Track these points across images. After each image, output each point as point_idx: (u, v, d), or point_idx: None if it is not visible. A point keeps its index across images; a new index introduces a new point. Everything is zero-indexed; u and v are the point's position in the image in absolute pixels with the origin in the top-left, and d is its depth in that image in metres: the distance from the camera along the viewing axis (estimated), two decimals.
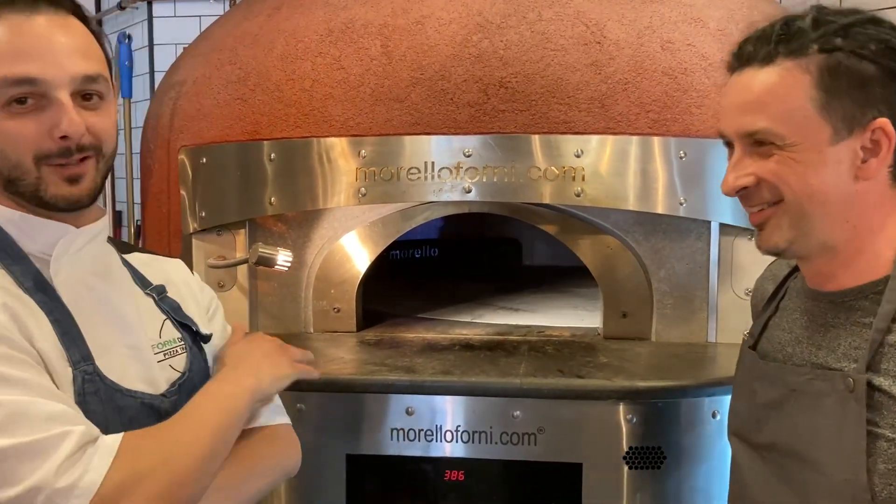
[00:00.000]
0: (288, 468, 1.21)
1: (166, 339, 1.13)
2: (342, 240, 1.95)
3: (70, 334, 0.99)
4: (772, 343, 1.10)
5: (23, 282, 0.99)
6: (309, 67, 1.86)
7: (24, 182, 0.98)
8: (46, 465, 0.87)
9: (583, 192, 1.75)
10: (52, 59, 0.96)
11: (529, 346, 1.82)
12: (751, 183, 0.98)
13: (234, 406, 1.05)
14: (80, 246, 1.06)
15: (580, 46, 1.77)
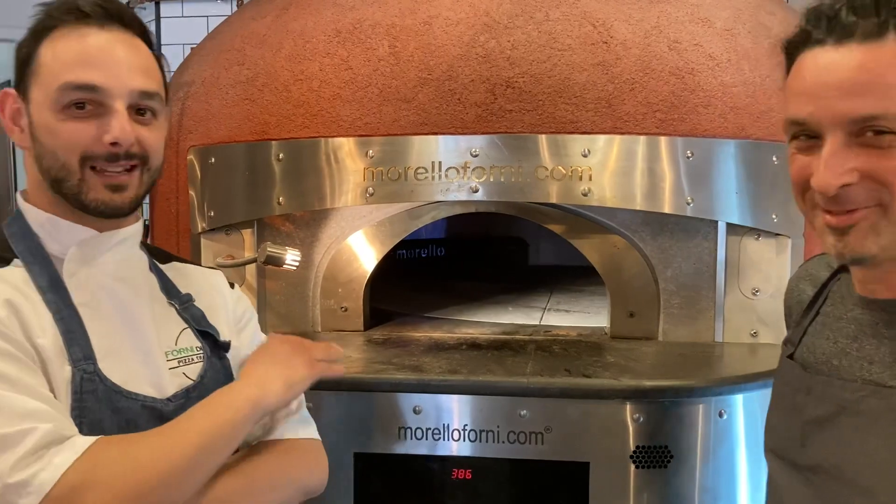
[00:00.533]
0: (308, 485, 1.17)
1: (182, 346, 1.14)
2: (349, 239, 1.95)
3: (73, 333, 1.00)
4: (814, 353, 0.99)
5: (38, 280, 1.02)
6: (317, 68, 1.87)
7: (67, 183, 1.03)
8: (4, 460, 0.88)
9: (590, 191, 1.75)
10: (114, 71, 1.02)
11: (536, 345, 1.83)
12: (855, 181, 0.83)
13: (227, 417, 1.01)
14: (102, 250, 1.08)
15: (587, 46, 1.78)
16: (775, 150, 1.76)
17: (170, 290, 1.18)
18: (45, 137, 1.03)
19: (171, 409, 1.06)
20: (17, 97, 1.06)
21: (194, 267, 1.28)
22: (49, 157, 1.03)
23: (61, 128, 1.01)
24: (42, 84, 1.03)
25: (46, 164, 1.03)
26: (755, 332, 1.82)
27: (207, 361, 1.15)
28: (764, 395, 1.61)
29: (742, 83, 1.79)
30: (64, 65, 1.02)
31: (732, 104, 1.77)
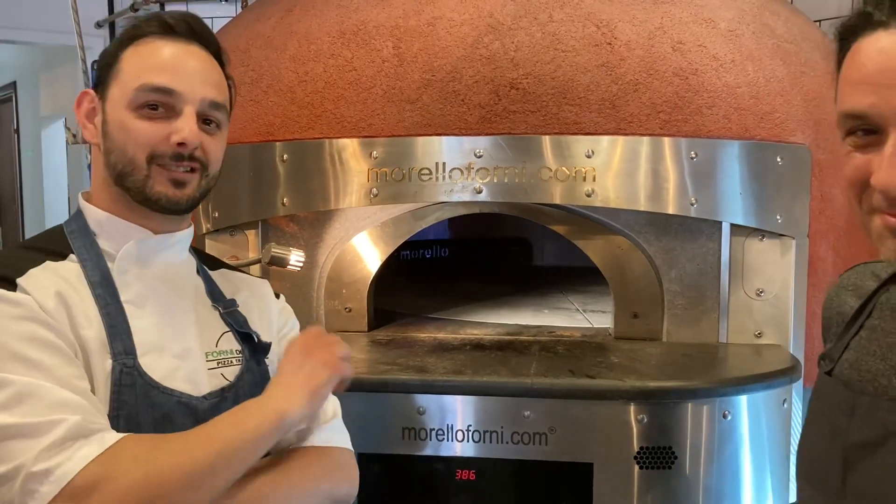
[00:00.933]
0: (337, 494, 1.17)
1: (223, 349, 1.17)
2: (354, 240, 1.96)
3: (117, 328, 1.05)
4: (858, 370, 0.89)
5: (90, 276, 1.07)
6: (321, 69, 1.87)
7: (133, 178, 1.09)
8: (31, 448, 0.90)
9: (593, 192, 1.75)
10: (188, 79, 1.10)
11: (540, 346, 1.83)
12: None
13: (251, 427, 1.02)
14: (155, 251, 1.14)
15: (591, 48, 1.78)
16: (779, 150, 1.76)
17: (215, 294, 1.22)
18: (116, 133, 1.09)
19: (205, 406, 1.09)
20: (95, 97, 1.13)
21: (242, 275, 1.33)
22: (118, 152, 1.09)
23: (134, 125, 1.08)
24: (121, 84, 1.10)
25: (114, 158, 1.09)
26: (759, 332, 1.81)
27: (245, 364, 1.19)
28: (768, 396, 1.61)
29: (746, 84, 1.79)
30: (144, 68, 1.10)
31: (736, 105, 1.77)
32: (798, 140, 1.79)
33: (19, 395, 0.92)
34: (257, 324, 1.24)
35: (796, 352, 1.80)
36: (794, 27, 1.98)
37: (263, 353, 1.22)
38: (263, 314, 1.28)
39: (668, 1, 1.87)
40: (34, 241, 1.14)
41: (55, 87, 6.72)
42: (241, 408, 1.06)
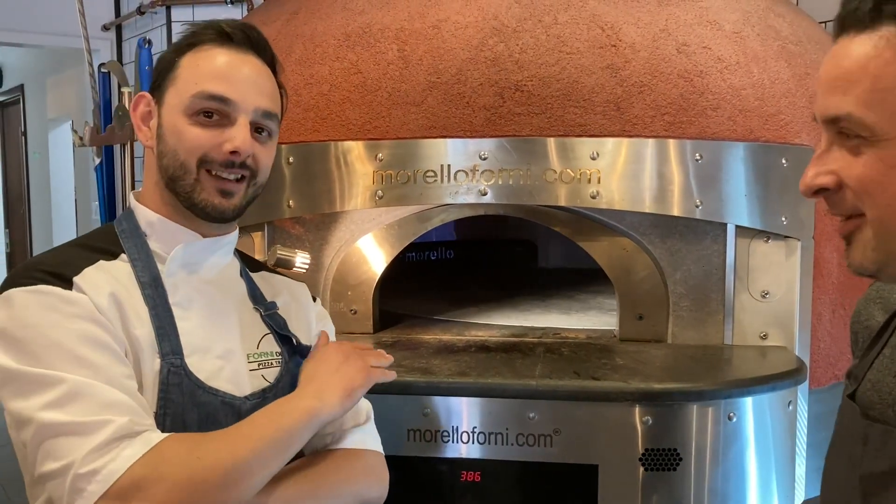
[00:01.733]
0: (368, 497, 1.19)
1: (263, 350, 1.20)
2: (359, 242, 1.96)
3: (165, 329, 1.07)
4: (880, 393, 0.84)
5: (141, 276, 1.10)
6: (326, 72, 1.88)
7: (183, 182, 1.12)
8: (80, 448, 0.92)
9: (598, 194, 1.75)
10: (243, 88, 1.13)
11: (545, 347, 1.83)
12: (830, 184, 0.76)
13: (285, 426, 1.04)
14: (205, 255, 1.17)
15: (595, 49, 1.78)
16: (784, 152, 1.76)
17: (256, 297, 1.25)
18: (170, 137, 1.12)
19: (247, 406, 1.11)
20: (151, 100, 1.16)
21: (281, 278, 1.36)
22: (170, 155, 1.12)
23: (188, 130, 1.11)
24: (178, 90, 1.12)
25: (166, 162, 1.12)
26: (765, 334, 1.81)
27: (285, 366, 1.21)
28: (773, 397, 1.61)
29: (751, 85, 1.79)
30: (202, 75, 1.12)
31: (741, 107, 1.77)
32: (803, 142, 1.79)
33: (71, 393, 0.94)
34: (296, 326, 1.27)
35: (802, 353, 1.80)
36: (799, 29, 1.98)
37: (302, 355, 1.24)
38: (301, 317, 1.30)
39: (672, 3, 1.87)
40: (87, 240, 1.16)
41: (62, 90, 6.75)
42: (276, 405, 1.09)
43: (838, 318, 1.89)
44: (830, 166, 0.76)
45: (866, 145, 0.73)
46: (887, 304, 0.92)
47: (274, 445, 1.02)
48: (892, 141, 0.71)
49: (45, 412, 0.93)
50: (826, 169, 0.77)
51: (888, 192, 0.72)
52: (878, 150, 0.72)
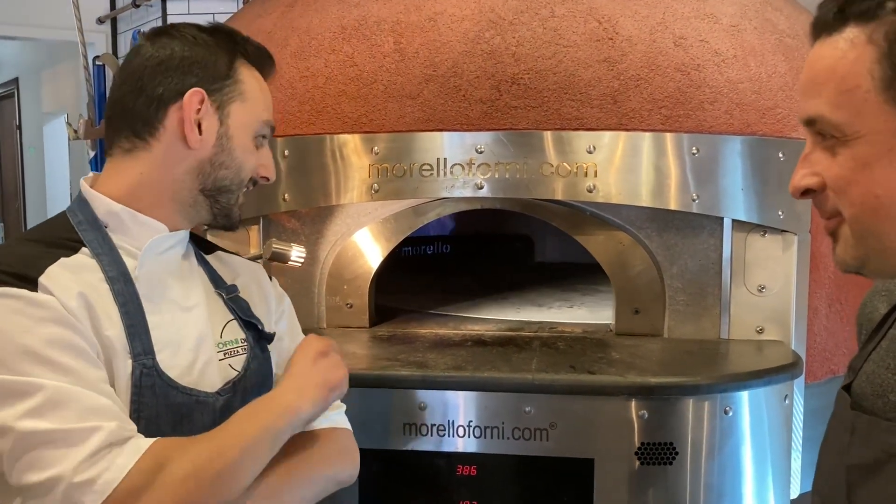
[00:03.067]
0: (341, 477, 1.20)
1: (228, 338, 1.16)
2: (355, 236, 1.96)
3: (136, 327, 1.03)
4: (872, 384, 0.85)
5: (108, 271, 1.05)
6: (322, 64, 1.87)
7: (229, 195, 1.16)
8: (70, 458, 0.90)
9: (595, 188, 1.75)
10: None
11: (541, 342, 1.83)
12: (815, 185, 0.79)
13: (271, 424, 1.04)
14: (168, 246, 1.13)
15: (592, 43, 1.77)
16: (781, 146, 1.76)
17: (217, 281, 1.21)
18: (240, 154, 1.14)
19: (220, 403, 1.10)
20: (209, 103, 1.11)
21: (238, 258, 1.32)
22: (234, 170, 1.14)
23: (252, 154, 1.16)
24: (250, 110, 1.15)
25: (224, 174, 1.13)
26: (761, 328, 1.81)
27: (251, 353, 1.18)
28: (769, 392, 1.61)
29: (748, 79, 1.79)
30: (266, 104, 1.19)
31: (738, 100, 1.77)
32: (800, 136, 1.79)
33: (53, 400, 0.91)
34: (258, 309, 1.23)
35: (798, 348, 1.80)
36: (796, 22, 1.97)
37: (267, 340, 1.22)
38: (262, 300, 1.27)
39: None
40: (40, 234, 1.11)
41: (57, 84, 6.73)
42: (258, 403, 1.08)
43: (834, 312, 1.89)
44: (814, 167, 0.79)
45: (840, 145, 0.76)
46: (892, 296, 0.93)
47: (260, 445, 1.02)
48: (861, 139, 0.74)
49: (25, 421, 0.90)
50: (811, 170, 0.79)
51: (860, 191, 0.75)
52: (849, 149, 0.75)
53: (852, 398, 0.87)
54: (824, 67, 0.76)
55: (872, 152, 0.74)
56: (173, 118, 1.09)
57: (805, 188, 0.80)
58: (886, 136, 0.73)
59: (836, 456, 0.87)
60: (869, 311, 0.96)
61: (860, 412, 0.84)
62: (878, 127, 0.73)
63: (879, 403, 0.82)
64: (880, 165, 0.73)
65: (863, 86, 0.73)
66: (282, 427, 1.05)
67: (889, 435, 0.79)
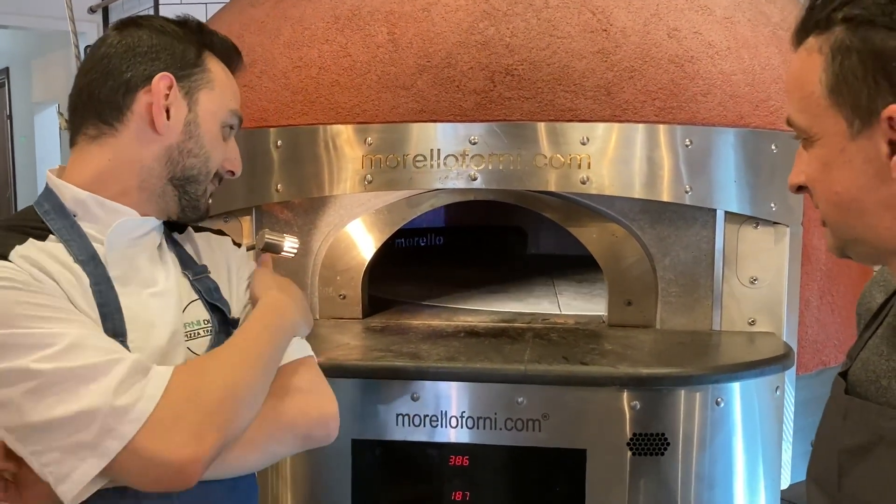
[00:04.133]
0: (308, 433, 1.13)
1: (189, 320, 1.14)
2: (348, 227, 1.95)
3: (108, 307, 1.03)
4: (866, 371, 0.88)
5: (78, 255, 1.04)
6: (315, 54, 1.86)
7: (197, 186, 1.15)
8: (101, 389, 0.91)
9: (588, 179, 1.75)
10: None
11: (534, 333, 1.83)
12: (802, 182, 0.85)
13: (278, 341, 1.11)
14: (142, 233, 1.13)
15: (586, 34, 1.77)
16: (774, 138, 1.76)
17: (185, 261, 1.20)
18: (208, 143, 1.14)
19: None
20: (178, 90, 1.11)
21: (206, 233, 1.30)
22: (202, 158, 1.13)
23: (221, 144, 1.17)
24: (218, 99, 1.15)
25: (192, 162, 1.13)
26: (753, 320, 1.82)
27: (215, 337, 1.15)
28: (760, 383, 1.61)
29: (741, 71, 1.79)
30: (234, 94, 1.19)
31: (732, 92, 1.77)
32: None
33: (72, 345, 0.93)
34: (226, 289, 1.22)
35: (789, 339, 1.81)
36: (790, 15, 1.97)
37: (233, 327, 1.19)
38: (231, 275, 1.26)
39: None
40: (5, 223, 1.09)
41: (48, 73, 6.69)
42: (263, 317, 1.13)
43: (826, 304, 1.90)
44: (801, 165, 0.85)
45: (809, 145, 0.82)
46: (889, 286, 0.96)
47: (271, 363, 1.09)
48: (820, 141, 0.80)
49: (47, 363, 0.90)
50: (800, 168, 0.86)
51: (823, 188, 0.82)
52: (814, 149, 0.81)
53: (848, 384, 0.90)
54: (792, 75, 0.83)
55: (829, 153, 0.79)
56: (141, 103, 1.09)
57: (796, 185, 0.86)
58: (838, 137, 0.78)
59: (830, 440, 0.89)
60: (867, 300, 0.99)
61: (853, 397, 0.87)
62: (830, 129, 0.79)
63: (872, 389, 0.86)
64: (836, 165, 0.79)
65: (815, 92, 0.79)
66: (284, 345, 1.12)
67: (879, 418, 0.82)
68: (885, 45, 0.73)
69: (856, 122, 0.76)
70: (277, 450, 1.09)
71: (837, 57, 0.76)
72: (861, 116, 0.76)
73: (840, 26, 0.77)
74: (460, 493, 1.59)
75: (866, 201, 0.78)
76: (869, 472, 0.83)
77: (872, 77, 0.74)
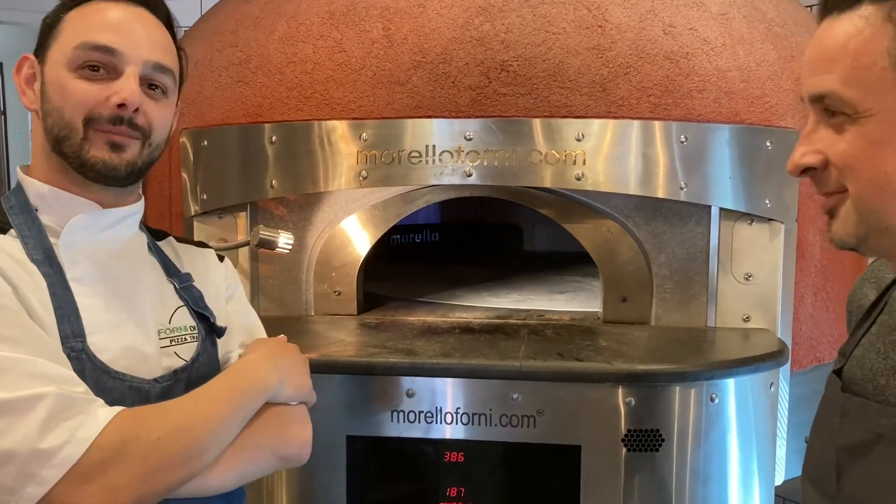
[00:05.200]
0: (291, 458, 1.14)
1: (176, 325, 1.13)
2: (343, 223, 1.95)
3: (64, 309, 1.00)
4: (862, 369, 0.87)
5: (32, 253, 1.01)
6: (310, 50, 1.86)
7: (69, 142, 1.04)
8: (19, 428, 0.85)
9: (583, 176, 1.75)
10: (131, 39, 1.06)
11: (529, 329, 1.83)
12: (817, 163, 0.79)
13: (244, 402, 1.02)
14: (103, 226, 1.08)
15: (582, 30, 1.77)
16: (769, 134, 1.76)
17: (169, 269, 1.18)
18: (54, 94, 1.04)
19: (157, 390, 1.05)
20: (35, 62, 1.08)
21: (190, 246, 1.28)
22: (55, 114, 1.04)
23: (72, 86, 1.03)
24: (61, 44, 1.05)
25: (51, 122, 1.05)
26: (748, 316, 1.82)
27: (202, 344, 1.14)
28: (755, 379, 1.62)
29: (737, 68, 1.79)
30: (87, 27, 1.05)
31: (727, 89, 1.77)
32: (788, 124, 1.79)
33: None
34: (212, 300, 1.20)
35: (784, 336, 1.81)
36: (784, 11, 1.97)
37: (218, 334, 1.18)
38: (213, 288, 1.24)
39: None
40: None
41: None
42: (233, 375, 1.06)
43: (820, 300, 1.90)
44: (817, 145, 0.79)
45: (849, 122, 0.76)
46: (880, 283, 0.94)
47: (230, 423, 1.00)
48: (873, 117, 0.74)
49: None
50: (813, 148, 0.79)
51: (869, 167, 0.75)
52: (859, 126, 0.75)
53: (843, 382, 0.89)
54: (837, 44, 0.76)
55: (884, 130, 0.74)
56: None
57: (806, 166, 0.80)
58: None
59: (827, 438, 0.88)
60: (858, 297, 0.98)
61: (851, 395, 0.86)
62: (893, 105, 0.73)
63: (869, 387, 0.84)
64: (892, 144, 0.73)
65: (879, 63, 0.73)
66: (254, 405, 1.04)
67: (878, 416, 0.81)
68: None
69: None
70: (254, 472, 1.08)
71: None
72: None
73: None
74: (455, 489, 1.59)
75: None
76: (868, 470, 0.81)
77: None
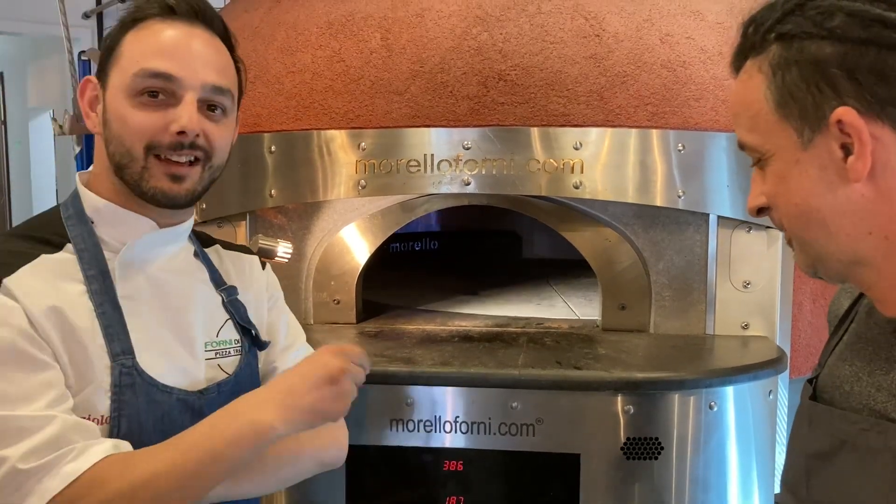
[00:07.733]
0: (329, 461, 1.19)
1: (223, 339, 1.15)
2: (342, 232, 1.95)
3: (113, 328, 1.02)
4: (832, 376, 0.89)
5: (86, 270, 1.03)
6: (309, 60, 1.87)
7: (129, 170, 1.05)
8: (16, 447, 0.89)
9: (581, 184, 1.75)
10: (189, 63, 1.05)
11: (528, 337, 1.83)
12: (763, 204, 0.85)
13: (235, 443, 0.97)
14: (160, 244, 1.10)
15: (579, 39, 1.78)
16: None
17: (217, 281, 1.19)
18: (115, 122, 1.05)
19: (203, 402, 1.08)
20: (97, 84, 1.09)
21: (234, 253, 1.28)
22: (116, 142, 1.05)
23: (132, 115, 1.04)
24: (121, 70, 1.05)
25: (112, 149, 1.06)
26: (746, 324, 1.82)
27: (244, 358, 1.16)
28: (754, 387, 1.62)
29: None
30: (143, 53, 1.04)
31: (724, 97, 1.77)
32: None
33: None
34: (252, 308, 1.22)
35: (783, 343, 1.81)
36: None
37: (260, 348, 1.20)
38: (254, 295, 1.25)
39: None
40: (30, 229, 1.09)
41: (42, 78, 6.67)
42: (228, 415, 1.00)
43: (819, 308, 1.91)
44: (760, 188, 0.86)
45: (764, 164, 0.83)
46: (854, 292, 0.97)
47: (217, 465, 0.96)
48: (774, 156, 0.81)
49: None
50: (758, 191, 0.86)
51: (783, 202, 0.82)
52: (770, 166, 0.82)
53: (816, 390, 0.92)
54: (737, 100, 0.85)
55: (784, 167, 0.81)
56: None
57: (757, 207, 0.87)
58: (790, 150, 0.79)
59: (798, 446, 0.91)
60: (836, 307, 1.01)
61: (817, 403, 0.89)
62: (782, 143, 0.80)
63: (837, 394, 0.87)
64: (792, 177, 0.80)
65: (763, 109, 0.81)
66: (249, 447, 0.97)
67: (842, 423, 0.83)
68: (821, 52, 0.76)
69: (805, 131, 0.78)
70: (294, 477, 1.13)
71: (778, 72, 0.79)
72: (810, 125, 0.77)
73: (775, 45, 0.80)
74: (454, 497, 1.58)
75: (824, 209, 0.79)
76: (833, 476, 0.83)
77: (815, 85, 0.76)
